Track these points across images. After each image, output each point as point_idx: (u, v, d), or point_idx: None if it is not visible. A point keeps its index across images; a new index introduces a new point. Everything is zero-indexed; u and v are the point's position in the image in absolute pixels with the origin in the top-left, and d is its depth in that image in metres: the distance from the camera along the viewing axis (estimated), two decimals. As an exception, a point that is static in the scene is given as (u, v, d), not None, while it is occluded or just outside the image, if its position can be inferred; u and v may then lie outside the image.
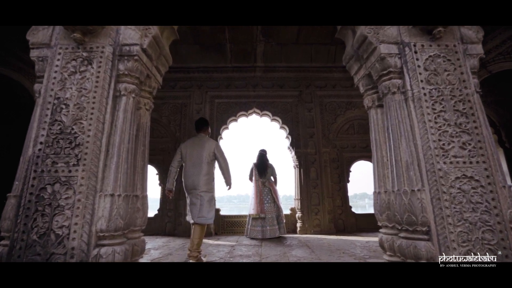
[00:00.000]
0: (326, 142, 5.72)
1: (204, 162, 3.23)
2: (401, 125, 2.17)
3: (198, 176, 3.19)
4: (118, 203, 2.00)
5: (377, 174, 2.40)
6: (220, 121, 5.87)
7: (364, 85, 2.72)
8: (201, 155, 3.23)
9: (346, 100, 6.00)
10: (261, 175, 5.09)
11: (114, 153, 2.08)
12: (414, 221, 1.96)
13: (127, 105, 2.22)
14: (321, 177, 5.55)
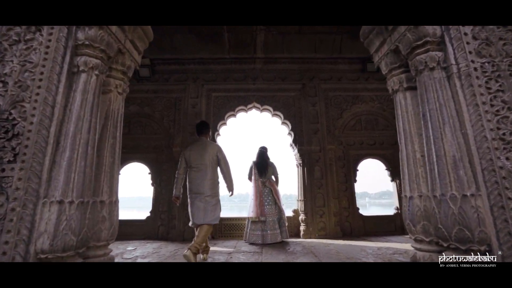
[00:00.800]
0: (331, 138, 5.16)
1: (208, 166, 3.14)
2: (443, 110, 1.61)
3: (202, 180, 3.10)
4: (69, 212, 1.44)
5: (407, 173, 1.85)
6: (217, 116, 5.31)
7: (389, 64, 2.15)
8: (205, 159, 3.15)
9: (353, 93, 5.43)
10: (261, 175, 4.53)
11: (67, 146, 1.52)
12: (467, 237, 1.40)
13: (87, 85, 1.65)
14: (326, 177, 4.99)
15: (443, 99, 1.61)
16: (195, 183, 3.15)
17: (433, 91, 1.65)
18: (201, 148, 3.22)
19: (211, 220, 3.09)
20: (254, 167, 4.54)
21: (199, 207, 3.09)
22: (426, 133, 1.67)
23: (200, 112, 5.26)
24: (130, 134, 5.36)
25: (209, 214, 3.08)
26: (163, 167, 5.16)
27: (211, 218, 3.09)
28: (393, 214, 5.12)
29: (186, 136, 5.13)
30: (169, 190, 5.00)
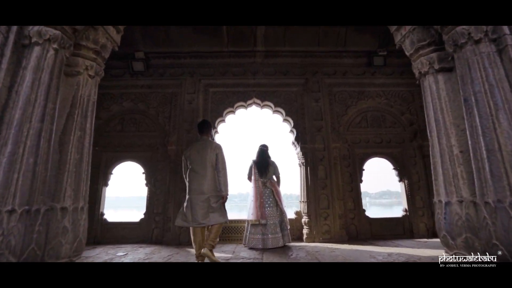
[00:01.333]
0: (336, 136, 4.77)
1: (209, 167, 3.02)
2: (495, 93, 1.22)
3: (203, 180, 2.97)
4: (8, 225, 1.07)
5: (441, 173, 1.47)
6: (215, 112, 4.93)
7: (415, 41, 1.75)
8: (205, 159, 3.02)
9: (358, 89, 5.05)
10: (261, 174, 4.15)
11: (9, 138, 1.15)
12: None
13: (42, 61, 1.28)
14: (331, 176, 4.61)
15: (494, 78, 1.23)
16: (196, 183, 3.00)
17: (480, 70, 1.27)
18: (201, 148, 3.08)
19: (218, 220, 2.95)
20: (254, 167, 4.16)
21: (202, 207, 2.92)
22: (471, 122, 1.29)
23: (197, 108, 4.88)
24: (123, 131, 4.99)
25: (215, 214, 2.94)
26: (158, 167, 4.78)
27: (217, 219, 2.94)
28: (401, 216, 4.73)
29: (182, 134, 4.75)
30: (164, 191, 4.63)
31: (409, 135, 4.96)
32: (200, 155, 3.05)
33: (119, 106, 5.00)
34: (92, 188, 4.74)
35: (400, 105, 4.97)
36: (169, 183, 4.60)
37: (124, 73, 5.05)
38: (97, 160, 4.81)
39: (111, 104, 4.94)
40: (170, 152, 4.68)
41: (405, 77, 5.05)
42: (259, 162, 4.18)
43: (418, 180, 4.75)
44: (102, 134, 4.96)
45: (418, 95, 5.00)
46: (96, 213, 4.61)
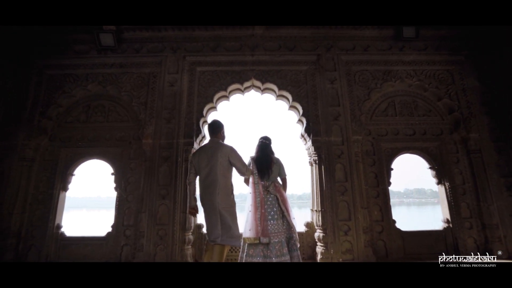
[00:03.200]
0: (357, 126, 3.68)
1: (219, 174, 2.66)
2: None
3: (213, 189, 2.63)
4: None
5: None
6: (203, 97, 3.84)
7: None
8: (214, 165, 2.67)
9: (384, 68, 3.96)
10: (262, 176, 3.06)
11: None
12: None
13: None
14: (352, 178, 3.51)
15: None
16: (205, 191, 2.67)
17: None
18: (210, 152, 2.73)
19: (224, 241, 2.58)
20: (253, 166, 3.07)
21: (211, 220, 2.62)
22: None
23: (180, 92, 3.79)
24: (88, 122, 3.90)
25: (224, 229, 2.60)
26: (131, 166, 3.69)
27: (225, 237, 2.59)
28: (442, 229, 3.62)
29: (160, 124, 3.67)
30: (137, 198, 3.54)
31: (448, 126, 3.86)
32: (207, 161, 2.69)
33: (84, 90, 3.93)
34: (45, 193, 3.68)
35: (437, 88, 3.87)
36: (143, 188, 3.51)
37: (90, 50, 3.97)
38: (54, 158, 3.74)
39: (73, 88, 3.87)
40: (146, 147, 3.60)
41: (442, 52, 3.97)
42: (259, 160, 3.10)
43: (462, 183, 3.65)
44: (61, 126, 3.88)
45: (459, 75, 3.91)
46: (50, 225, 3.52)
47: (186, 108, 3.74)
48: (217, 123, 2.92)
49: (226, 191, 2.69)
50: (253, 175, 3.00)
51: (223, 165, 2.68)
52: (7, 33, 3.75)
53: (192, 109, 3.75)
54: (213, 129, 2.89)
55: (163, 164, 3.54)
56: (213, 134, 2.89)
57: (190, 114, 3.73)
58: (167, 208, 3.41)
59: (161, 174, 3.51)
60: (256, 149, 3.21)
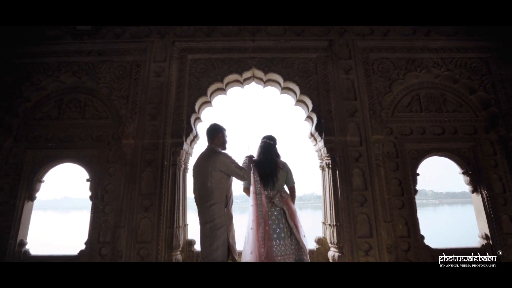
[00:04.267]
0: (377, 124, 3.10)
1: (209, 187, 2.23)
2: None
3: (202, 205, 2.25)
4: None
5: None
6: (195, 90, 3.25)
7: None
8: (203, 177, 2.26)
9: (407, 55, 3.37)
10: (266, 184, 2.46)
11: None
12: None
13: None
14: (372, 186, 2.93)
15: None
16: (198, 206, 2.32)
17: None
18: (202, 161, 2.36)
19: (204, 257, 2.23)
20: (254, 172, 2.48)
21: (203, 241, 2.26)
22: None
23: (168, 83, 3.20)
24: (61, 119, 3.31)
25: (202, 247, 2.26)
26: (109, 171, 3.09)
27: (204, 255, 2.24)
28: (480, 246, 3.02)
29: (143, 121, 3.08)
30: (115, 209, 2.95)
31: (483, 123, 3.27)
32: (199, 171, 2.33)
33: (56, 82, 3.33)
34: (6, 204, 3.05)
35: (469, 79, 3.28)
36: (123, 197, 2.92)
37: (64, 35, 3.38)
38: (19, 162, 3.14)
39: (43, 79, 3.28)
40: (126, 149, 3.01)
41: (475, 38, 3.38)
42: (262, 164, 2.50)
43: (502, 191, 3.05)
44: (28, 123, 3.28)
45: (496, 63, 3.31)
46: (11, 242, 2.92)
47: (175, 102, 3.15)
48: (212, 127, 2.46)
49: (218, 205, 2.24)
50: (254, 184, 2.41)
51: (212, 177, 2.25)
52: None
53: (182, 103, 3.15)
54: (209, 135, 2.45)
55: (146, 169, 2.94)
56: (209, 140, 2.45)
57: (179, 109, 3.13)
58: (150, 222, 2.81)
59: (143, 181, 2.92)
60: (258, 152, 2.61)
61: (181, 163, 3.08)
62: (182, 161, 3.10)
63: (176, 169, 2.99)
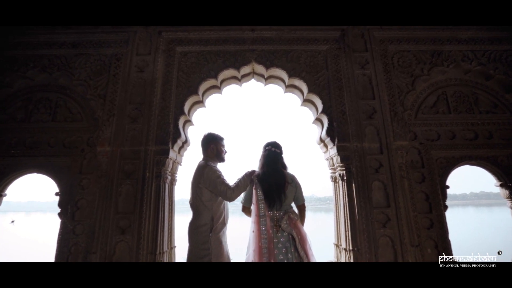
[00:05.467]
0: (400, 128, 2.61)
1: (197, 207, 1.93)
2: None
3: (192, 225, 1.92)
4: None
5: None
6: (185, 88, 2.76)
7: None
8: (193, 196, 1.95)
9: (431, 47, 2.89)
10: (272, 204, 1.93)
11: None
12: None
13: None
14: (396, 202, 2.43)
15: None
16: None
17: None
18: (192, 177, 2.00)
19: None
20: (257, 188, 1.98)
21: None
22: None
23: (152, 80, 2.72)
24: (28, 121, 2.81)
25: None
26: (82, 183, 2.59)
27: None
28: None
29: (123, 125, 2.59)
30: (87, 230, 2.45)
31: (523, 126, 2.78)
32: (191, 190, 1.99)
33: (24, 78, 2.85)
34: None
35: (505, 75, 2.80)
36: (97, 215, 2.42)
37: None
38: (-25, 172, 2.64)
39: (8, 75, 2.80)
40: (101, 158, 2.51)
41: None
42: (268, 178, 1.99)
43: (549, 207, 2.55)
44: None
45: (536, 57, 2.83)
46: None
47: (160, 102, 2.66)
48: (204, 137, 2.13)
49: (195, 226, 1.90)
50: (256, 203, 1.91)
51: (204, 196, 1.93)
52: None
53: (169, 103, 2.66)
54: (202, 146, 2.12)
55: (124, 182, 2.45)
56: (203, 153, 2.12)
57: (165, 110, 2.65)
58: (128, 247, 2.31)
59: (121, 197, 2.42)
60: (261, 163, 2.11)
61: (167, 174, 2.58)
62: (168, 171, 2.60)
63: (161, 182, 2.49)
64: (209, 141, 2.10)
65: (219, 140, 2.13)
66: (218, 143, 2.12)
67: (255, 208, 1.90)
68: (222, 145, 2.14)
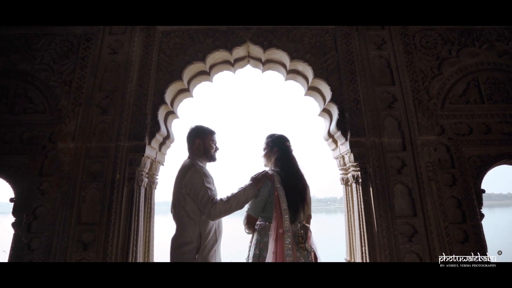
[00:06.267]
0: (426, 119, 2.15)
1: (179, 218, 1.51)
2: None
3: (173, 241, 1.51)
4: None
5: None
6: (166, 73, 2.32)
7: None
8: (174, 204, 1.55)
9: (459, 26, 2.45)
10: (296, 216, 1.46)
11: None
12: None
13: None
14: (424, 210, 1.97)
15: None
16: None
17: None
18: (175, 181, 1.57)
19: None
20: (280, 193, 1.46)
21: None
22: None
23: (127, 62, 2.27)
24: (-19, 114, 2.37)
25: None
26: (42, 187, 2.14)
27: None
28: None
29: (90, 116, 2.13)
30: (45, 243, 2.00)
31: None
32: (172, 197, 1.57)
33: (-23, 63, 2.41)
34: None
35: (548, 57, 2.34)
36: (55, 227, 1.97)
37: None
38: None
39: (-41, 60, 2.36)
40: (63, 156, 2.06)
41: (555, 0, 2.43)
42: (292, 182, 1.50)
43: None
44: None
45: None
46: None
47: (136, 89, 2.22)
48: (190, 130, 1.72)
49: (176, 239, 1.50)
50: (281, 215, 1.43)
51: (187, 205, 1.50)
52: None
53: (147, 91, 2.21)
54: (186, 140, 1.71)
55: (90, 186, 2.00)
56: (188, 148, 1.71)
57: (142, 99, 2.20)
58: (91, 268, 1.85)
59: (85, 204, 1.97)
60: (278, 161, 1.58)
61: (143, 176, 2.13)
62: (144, 172, 2.15)
63: (134, 185, 2.03)
64: (195, 135, 1.68)
65: (208, 134, 1.69)
66: (207, 137, 1.68)
67: (278, 221, 1.41)
68: (212, 140, 1.70)
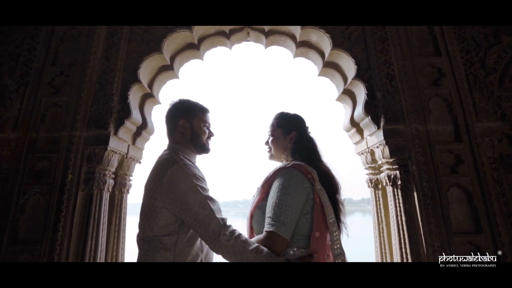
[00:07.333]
0: (485, 101, 1.62)
1: (140, 241, 0.96)
2: None
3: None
4: None
5: None
6: (141, 44, 1.79)
7: None
8: (143, 220, 0.97)
9: (519, -17, 1.93)
10: (340, 229, 0.94)
11: None
12: None
13: None
14: (491, 222, 1.43)
15: None
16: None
17: None
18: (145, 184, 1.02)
19: None
20: (323, 199, 0.90)
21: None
22: None
23: (90, 30, 1.76)
24: None
25: None
26: (-24, 191, 1.63)
27: None
28: None
29: (39, 97, 1.61)
30: None
31: None
32: (141, 209, 1.03)
33: None
34: None
35: None
36: None
37: None
38: None
39: None
40: (2, 150, 1.54)
41: None
42: (330, 180, 0.96)
43: None
44: None
45: None
46: None
47: (101, 63, 1.70)
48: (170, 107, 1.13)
49: (142, 253, 0.97)
50: (328, 230, 0.88)
51: (160, 220, 0.93)
52: None
53: (114, 65, 1.70)
54: (165, 122, 1.15)
55: (31, 190, 1.47)
56: (167, 134, 1.14)
57: (108, 75, 1.68)
58: (25, 305, 1.31)
59: (24, 215, 1.45)
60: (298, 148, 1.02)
61: (106, 176, 1.59)
62: (108, 172, 1.61)
63: (94, 189, 1.50)
64: (178, 113, 1.09)
65: (197, 112, 1.10)
66: (197, 116, 1.10)
67: (324, 239, 0.87)
68: (203, 120, 1.10)
